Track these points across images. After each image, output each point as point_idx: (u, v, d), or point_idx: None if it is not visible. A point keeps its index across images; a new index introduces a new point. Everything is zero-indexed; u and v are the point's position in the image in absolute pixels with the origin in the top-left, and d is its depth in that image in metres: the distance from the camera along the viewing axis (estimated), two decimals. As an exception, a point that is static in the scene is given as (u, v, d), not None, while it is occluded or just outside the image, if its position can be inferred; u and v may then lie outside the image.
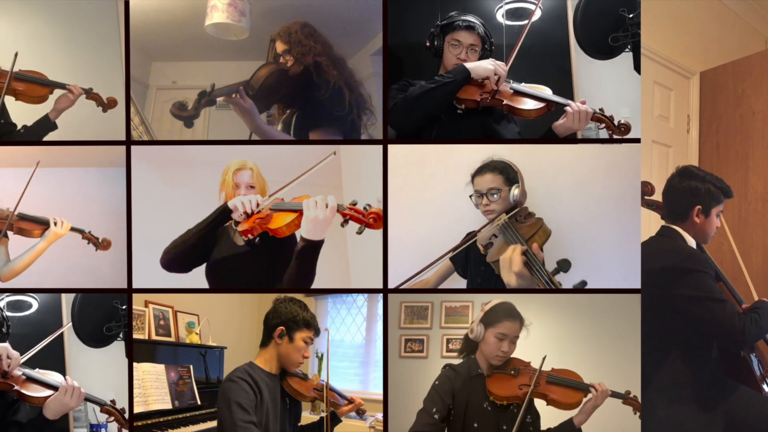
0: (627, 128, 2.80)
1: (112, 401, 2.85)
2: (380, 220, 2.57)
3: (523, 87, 2.85)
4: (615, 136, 2.82)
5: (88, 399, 2.79)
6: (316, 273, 2.63)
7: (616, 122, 2.80)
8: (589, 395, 2.61)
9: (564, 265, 2.51)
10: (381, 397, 2.92)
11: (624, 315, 2.98)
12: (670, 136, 4.85)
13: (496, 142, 2.89)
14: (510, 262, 2.49)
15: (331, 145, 2.95)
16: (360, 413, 2.88)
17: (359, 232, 2.53)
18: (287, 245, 2.74)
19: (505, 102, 2.78)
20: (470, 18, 2.84)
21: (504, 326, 2.64)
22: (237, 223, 2.78)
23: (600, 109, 2.81)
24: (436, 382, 2.66)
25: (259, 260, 2.82)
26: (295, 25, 2.90)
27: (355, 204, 2.55)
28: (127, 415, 2.86)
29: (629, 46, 3.03)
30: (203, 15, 2.97)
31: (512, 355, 2.70)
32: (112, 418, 2.87)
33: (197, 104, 2.75)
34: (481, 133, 2.86)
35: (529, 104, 2.81)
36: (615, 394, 2.66)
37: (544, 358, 2.66)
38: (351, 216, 2.54)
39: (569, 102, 2.78)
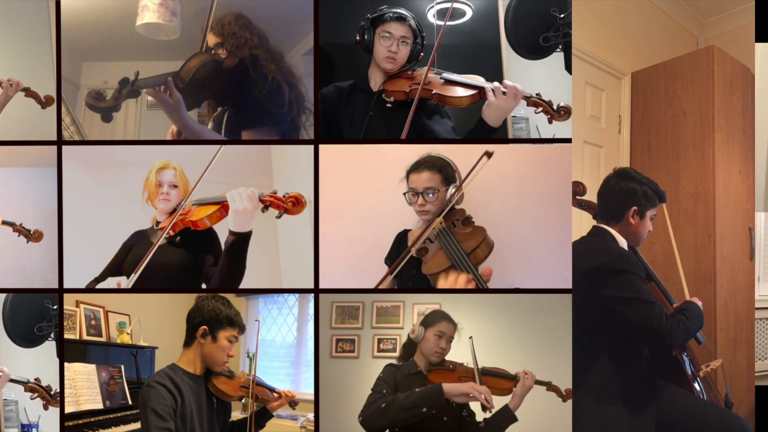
0: (567, 111, 2.87)
1: (36, 379, 2.87)
2: (299, 205, 2.65)
3: (455, 76, 2.91)
4: (554, 120, 2.89)
5: (12, 380, 2.81)
6: (247, 273, 2.68)
7: (555, 106, 2.87)
8: (519, 383, 2.79)
9: None
10: (312, 397, 3.00)
11: (555, 315, 3.08)
12: (602, 136, 4.94)
13: (427, 142, 2.95)
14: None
15: (262, 145, 3.00)
16: (293, 405, 2.92)
17: (278, 217, 2.65)
18: (208, 239, 2.83)
19: (435, 91, 2.84)
20: (401, 10, 2.90)
21: (442, 325, 2.83)
22: (158, 222, 2.85)
23: (537, 94, 2.88)
24: (381, 375, 2.80)
25: (183, 257, 2.87)
26: (229, 16, 2.92)
27: (275, 192, 2.64)
28: (59, 417, 2.88)
29: (560, 46, 3.10)
30: (134, 15, 3.00)
31: (446, 357, 2.87)
32: (36, 395, 2.89)
33: (117, 94, 2.75)
34: (413, 126, 2.88)
35: (459, 92, 2.87)
36: (538, 382, 2.82)
37: (473, 353, 2.81)
38: (271, 203, 2.63)
39: (493, 83, 2.85)
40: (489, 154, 2.76)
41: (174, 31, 3.03)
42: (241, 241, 2.63)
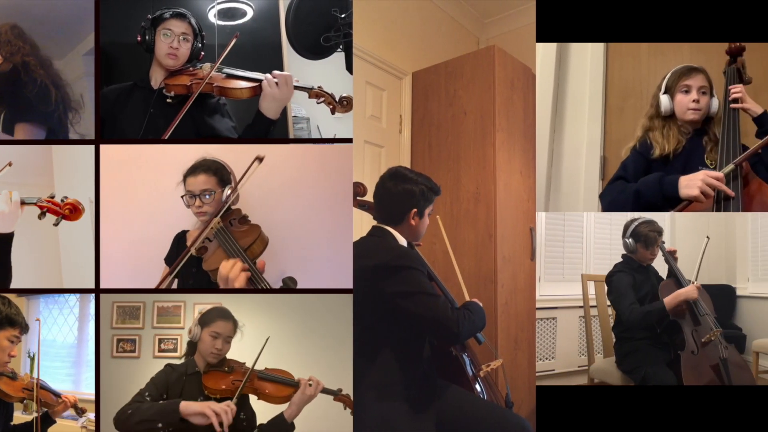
0: (349, 102, 3.15)
1: None
2: (77, 212, 2.86)
3: (237, 71, 3.16)
4: (337, 111, 3.14)
5: None
6: (28, 273, 2.87)
7: (337, 98, 3.14)
8: (298, 390, 2.97)
9: (290, 283, 2.93)
10: (93, 397, 3.16)
11: (336, 314, 3.25)
12: (383, 136, 5.19)
13: (209, 141, 3.15)
14: (231, 279, 2.79)
15: (45, 145, 3.17)
16: (79, 411, 3.08)
17: (56, 224, 2.83)
18: None
19: (216, 84, 3.08)
20: (180, 9, 3.14)
21: (218, 325, 3.00)
22: None
23: (319, 87, 3.14)
24: (154, 375, 2.96)
25: None
26: (5, 26, 3.15)
27: (52, 197, 2.83)
28: None
29: (341, 46, 3.33)
30: None
31: (227, 356, 3.05)
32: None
33: None
34: (193, 125, 3.10)
35: (240, 84, 3.10)
36: (326, 391, 3.02)
37: (257, 357, 2.99)
38: (48, 208, 2.83)
39: (265, 75, 3.10)
40: (260, 159, 3.01)
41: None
42: (1, 242, 2.80)
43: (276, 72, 3.11)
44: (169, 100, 3.11)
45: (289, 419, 2.91)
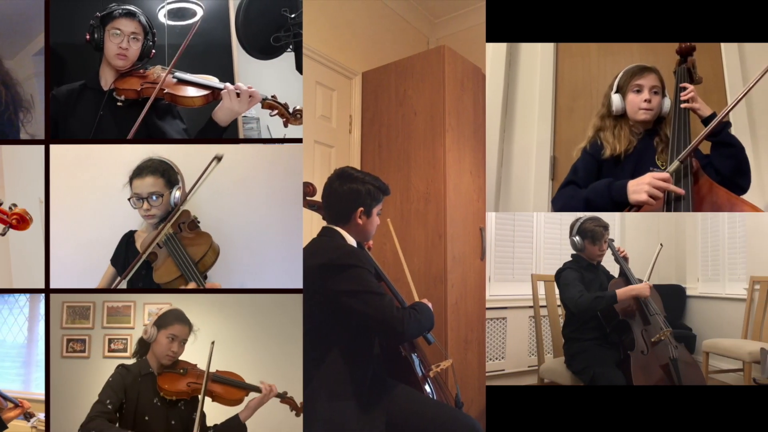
0: (302, 114, 3.18)
1: None
2: (24, 222, 2.87)
3: (188, 76, 3.16)
4: (290, 123, 3.17)
5: None
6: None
7: (291, 109, 3.16)
8: (254, 394, 3.07)
9: None
10: (43, 397, 3.19)
11: (286, 314, 3.32)
12: (333, 136, 5.20)
13: (159, 142, 3.16)
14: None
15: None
16: (27, 417, 3.11)
17: (2, 233, 2.85)
18: None
19: (167, 91, 3.09)
20: (130, 6, 3.14)
21: (174, 328, 3.07)
22: None
23: (272, 96, 3.16)
24: (110, 379, 3.00)
25: None
26: None
27: (0, 203, 2.85)
28: None
29: (291, 46, 3.36)
30: None
31: (180, 358, 3.12)
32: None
33: None
34: (144, 127, 3.08)
35: (192, 92, 3.12)
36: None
37: (210, 360, 3.04)
38: None
39: (226, 84, 3.11)
40: (218, 158, 3.05)
41: None
42: None
43: (239, 85, 3.12)
44: (119, 104, 3.11)
45: (244, 420, 3.02)
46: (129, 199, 3.08)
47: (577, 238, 4.12)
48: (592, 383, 3.75)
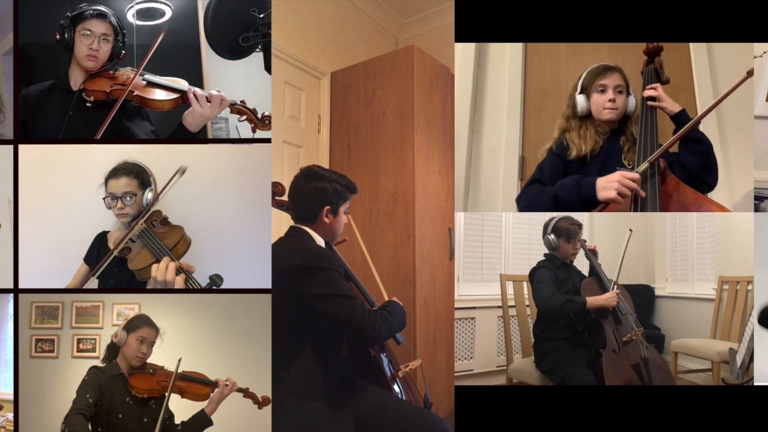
0: (270, 120, 3.21)
1: None
2: None
3: (158, 78, 3.18)
4: (258, 129, 3.20)
5: None
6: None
7: (259, 115, 3.19)
8: (217, 389, 3.14)
9: (217, 280, 3.04)
10: (12, 398, 3.23)
11: (255, 315, 3.33)
12: (301, 136, 5.24)
13: (129, 142, 3.19)
14: (169, 283, 2.93)
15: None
16: None
17: None
18: None
19: (136, 93, 3.11)
20: (100, 7, 3.15)
21: (143, 331, 3.14)
22: None
23: (241, 101, 3.19)
24: (86, 378, 3.05)
25: None
26: None
27: None
28: None
29: (260, 46, 3.38)
30: None
31: (148, 360, 3.17)
32: None
33: None
34: (112, 128, 3.10)
35: (161, 95, 3.14)
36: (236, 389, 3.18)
37: (179, 360, 3.10)
38: None
39: (195, 89, 3.14)
40: (182, 171, 3.07)
41: None
42: None
43: (212, 92, 3.15)
44: (88, 104, 3.12)
45: (209, 414, 3.10)
46: (104, 199, 3.11)
47: (551, 237, 4.15)
48: (562, 383, 3.78)
